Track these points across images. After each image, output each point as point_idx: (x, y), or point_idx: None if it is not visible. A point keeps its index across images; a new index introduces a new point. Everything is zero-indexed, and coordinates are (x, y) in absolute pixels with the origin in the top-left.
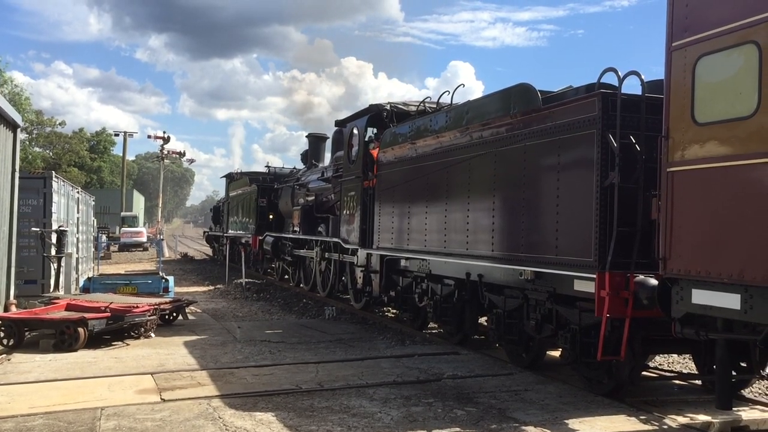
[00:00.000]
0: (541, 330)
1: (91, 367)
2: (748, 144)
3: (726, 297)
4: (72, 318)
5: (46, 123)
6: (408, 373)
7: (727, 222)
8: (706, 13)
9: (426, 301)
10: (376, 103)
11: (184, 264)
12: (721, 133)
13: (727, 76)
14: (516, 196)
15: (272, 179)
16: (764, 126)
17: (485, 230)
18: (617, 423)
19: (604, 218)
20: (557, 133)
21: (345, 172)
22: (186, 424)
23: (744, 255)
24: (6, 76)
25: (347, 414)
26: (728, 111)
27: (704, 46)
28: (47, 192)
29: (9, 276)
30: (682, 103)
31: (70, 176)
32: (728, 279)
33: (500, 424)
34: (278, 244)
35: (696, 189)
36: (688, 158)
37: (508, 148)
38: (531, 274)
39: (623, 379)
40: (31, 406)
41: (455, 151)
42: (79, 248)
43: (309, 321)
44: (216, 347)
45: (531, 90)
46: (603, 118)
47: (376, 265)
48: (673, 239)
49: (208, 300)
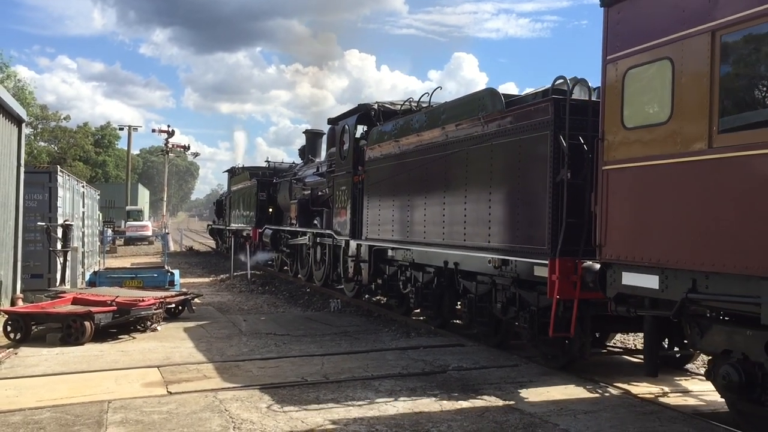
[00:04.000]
0: (507, 312)
1: (98, 361)
2: (663, 146)
3: (648, 278)
4: (78, 312)
5: (51, 117)
6: (413, 365)
7: (648, 214)
8: (632, 31)
9: (409, 288)
10: (364, 103)
11: (189, 257)
12: (643, 136)
13: (649, 86)
14: (484, 191)
15: (272, 174)
16: (676, 131)
17: (459, 222)
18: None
19: (556, 211)
20: (518, 133)
21: (337, 168)
22: (192, 417)
23: (661, 242)
24: (10, 71)
25: (353, 406)
26: (649, 117)
27: (631, 61)
28: (52, 186)
29: (15, 270)
30: (614, 109)
31: (75, 170)
32: (649, 263)
33: (506, 416)
34: (277, 237)
35: (624, 185)
36: (618, 158)
37: (477, 146)
38: (498, 261)
39: (575, 354)
40: (38, 400)
41: (433, 149)
42: (84, 242)
43: (314, 314)
44: (222, 340)
45: (496, 94)
46: (555, 121)
47: (365, 255)
48: (608, 229)
49: (213, 293)
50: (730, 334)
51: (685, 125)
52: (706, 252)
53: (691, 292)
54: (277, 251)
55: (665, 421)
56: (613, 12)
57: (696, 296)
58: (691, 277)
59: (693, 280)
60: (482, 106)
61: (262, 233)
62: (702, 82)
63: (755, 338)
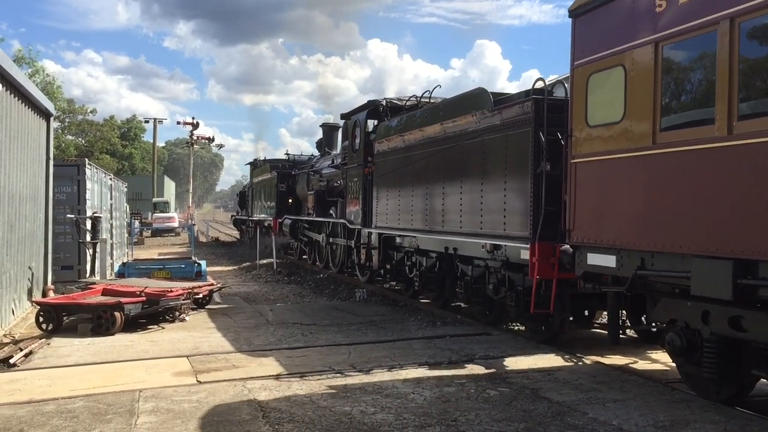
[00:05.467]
0: (498, 292)
1: (128, 351)
2: (618, 142)
3: (608, 258)
4: (108, 303)
5: (78, 111)
6: (440, 354)
7: (607, 201)
8: (594, 41)
9: (414, 272)
10: (373, 99)
11: (215, 248)
12: (602, 133)
13: (607, 89)
14: (477, 182)
15: (291, 166)
16: (627, 129)
17: (456, 211)
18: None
19: (537, 200)
20: (504, 129)
21: (349, 160)
22: (222, 406)
23: (617, 226)
24: (38, 66)
25: (380, 395)
26: (607, 116)
27: (593, 67)
28: (81, 179)
29: (46, 262)
30: (580, 109)
31: (103, 163)
32: (608, 244)
33: (534, 404)
34: (295, 226)
35: (588, 176)
36: (583, 152)
37: (471, 141)
38: (490, 246)
39: (556, 329)
40: (71, 389)
41: (433, 143)
42: (113, 234)
43: (340, 303)
44: (249, 330)
45: (485, 93)
46: (535, 118)
47: (375, 242)
48: (575, 215)
49: (239, 283)
50: (675, 306)
51: (635, 124)
52: (651, 234)
53: (640, 269)
54: (296, 240)
55: (695, 409)
56: (579, 22)
57: (644, 272)
58: (641, 256)
59: (642, 259)
60: (474, 104)
61: (282, 223)
62: (647, 87)
63: (694, 308)
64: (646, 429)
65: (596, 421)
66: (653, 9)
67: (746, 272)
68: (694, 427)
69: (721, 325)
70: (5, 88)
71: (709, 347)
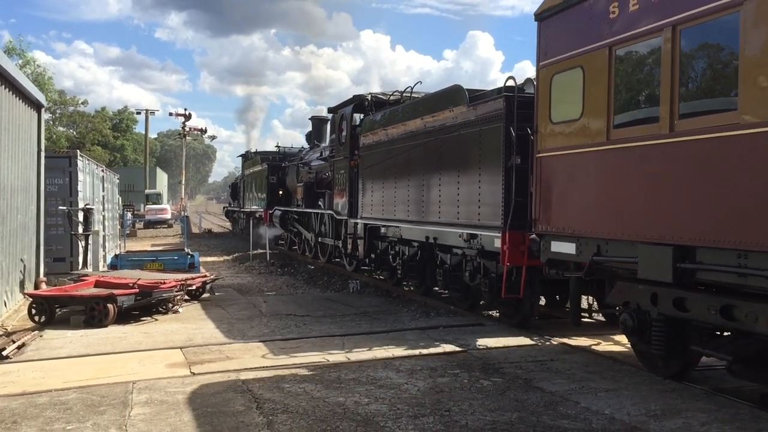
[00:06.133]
0: (474, 279)
1: (122, 342)
2: (576, 138)
3: (568, 245)
4: (101, 294)
5: (69, 102)
6: (433, 344)
7: (567, 193)
8: (557, 43)
9: (398, 261)
10: (359, 94)
11: (208, 239)
12: (564, 129)
13: (568, 89)
14: (454, 175)
15: (281, 158)
16: (585, 126)
17: (435, 202)
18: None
19: (507, 191)
20: (479, 125)
21: (336, 153)
22: (216, 397)
23: (576, 216)
24: (28, 57)
25: (374, 385)
26: (567, 114)
27: (556, 67)
28: (73, 171)
29: (38, 254)
30: (544, 107)
31: (94, 155)
32: (569, 233)
33: (526, 394)
34: (285, 217)
35: (551, 169)
36: (547, 147)
37: (448, 136)
38: (467, 235)
39: (526, 313)
40: (64, 381)
41: (414, 137)
42: (105, 226)
43: (333, 294)
44: (243, 321)
45: (461, 90)
46: (506, 114)
47: (361, 232)
48: (541, 206)
49: (233, 275)
50: (628, 289)
51: (591, 121)
52: (605, 223)
53: (596, 255)
54: (286, 231)
55: (687, 398)
56: (543, 25)
57: (599, 258)
58: (597, 243)
59: (598, 246)
60: (451, 100)
61: (272, 214)
62: (602, 87)
63: (644, 291)
64: (638, 418)
65: (589, 411)
66: (608, 15)
67: (685, 257)
68: (685, 416)
69: (667, 306)
70: None
71: (657, 326)
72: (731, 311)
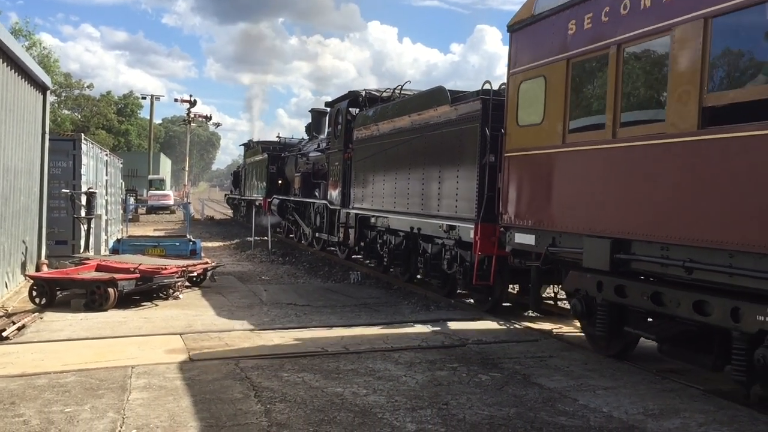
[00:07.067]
0: (451, 267)
1: (122, 327)
2: (538, 140)
3: (529, 237)
4: (102, 278)
5: (75, 86)
6: (433, 337)
7: (529, 189)
8: (524, 54)
9: (385, 249)
10: (354, 90)
11: (210, 226)
12: (528, 132)
13: (532, 96)
14: (435, 169)
15: (282, 148)
16: (545, 130)
17: (418, 195)
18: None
19: (481, 187)
20: (459, 124)
21: (332, 145)
22: (215, 384)
23: (536, 210)
24: (35, 38)
25: (372, 377)
26: (532, 118)
27: (523, 76)
28: (77, 154)
29: (40, 236)
30: (513, 111)
31: (98, 139)
32: (529, 226)
33: (525, 390)
34: (283, 206)
35: (516, 168)
36: (514, 148)
37: (432, 133)
38: (446, 227)
39: (497, 299)
40: (63, 364)
41: (402, 133)
42: (107, 210)
43: (334, 285)
44: (243, 309)
45: (444, 91)
46: (482, 115)
47: (352, 222)
48: (507, 201)
49: (234, 262)
50: (578, 278)
51: (550, 125)
52: (558, 218)
53: (551, 246)
54: (283, 219)
55: (685, 398)
56: (514, 37)
57: (554, 249)
58: (552, 236)
59: (553, 238)
60: (436, 100)
61: (271, 203)
62: (560, 95)
63: (591, 279)
64: (635, 417)
65: (586, 408)
66: (566, 31)
67: (620, 249)
68: (683, 416)
69: (610, 292)
70: (2, 61)
71: (601, 311)
72: (660, 297)
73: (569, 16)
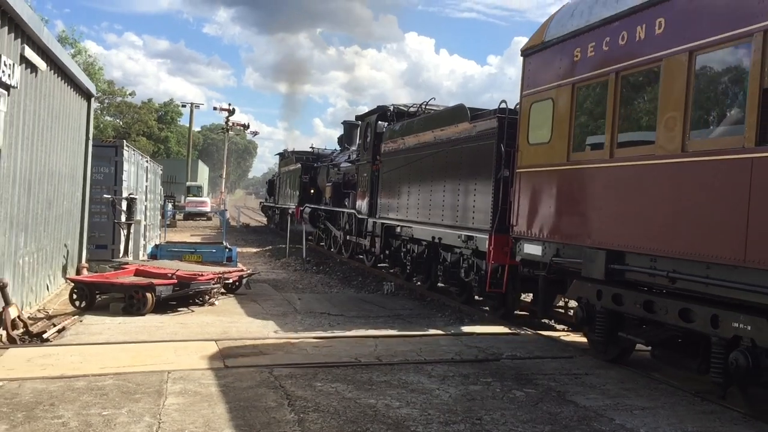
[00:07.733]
0: (468, 275)
1: (158, 332)
2: (546, 158)
3: (536, 248)
4: (141, 283)
5: (117, 93)
6: (466, 351)
7: (537, 203)
8: (536, 77)
9: (408, 258)
10: (383, 105)
11: (245, 234)
12: (538, 150)
13: (542, 116)
14: (455, 183)
15: (314, 159)
16: (552, 148)
17: (440, 206)
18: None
19: (496, 200)
20: (478, 140)
21: (362, 157)
22: (249, 392)
23: (543, 223)
24: (80, 47)
25: (405, 389)
26: (541, 137)
27: (534, 97)
28: (118, 160)
29: (82, 240)
30: (524, 130)
31: (139, 145)
32: (536, 237)
33: (560, 407)
34: (315, 214)
35: (527, 183)
36: (525, 164)
37: (453, 148)
38: (464, 237)
39: (509, 306)
40: (102, 366)
41: (426, 148)
42: (146, 215)
43: (368, 295)
44: (277, 317)
45: (464, 109)
46: (498, 132)
47: (378, 231)
48: (518, 214)
49: (268, 270)
50: (580, 286)
51: (557, 145)
52: (562, 230)
53: (555, 256)
54: (315, 227)
55: (726, 421)
56: (527, 61)
57: (558, 260)
58: (556, 247)
59: (557, 249)
60: (457, 117)
61: (303, 211)
62: (565, 117)
63: (592, 288)
64: None
65: (624, 428)
66: (573, 58)
67: (615, 260)
68: None
69: (608, 300)
70: (50, 68)
71: (600, 317)
72: (651, 306)
73: (575, 44)
